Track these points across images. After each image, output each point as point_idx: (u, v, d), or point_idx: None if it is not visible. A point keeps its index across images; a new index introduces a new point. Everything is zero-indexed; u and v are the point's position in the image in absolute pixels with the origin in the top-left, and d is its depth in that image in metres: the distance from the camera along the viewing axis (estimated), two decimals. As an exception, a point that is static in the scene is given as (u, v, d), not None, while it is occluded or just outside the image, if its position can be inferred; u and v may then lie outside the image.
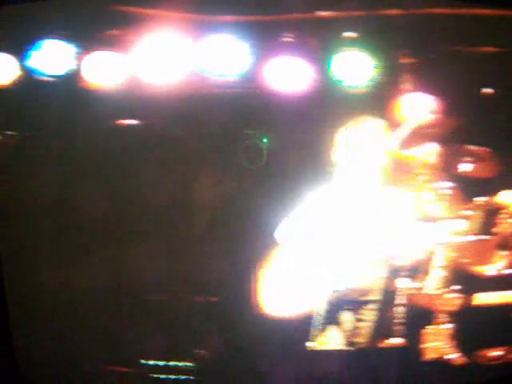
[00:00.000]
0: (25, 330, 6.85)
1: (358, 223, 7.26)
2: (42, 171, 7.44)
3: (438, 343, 7.68)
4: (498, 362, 7.74)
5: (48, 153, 7.46)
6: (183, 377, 7.14)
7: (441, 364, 7.70)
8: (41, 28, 7.27)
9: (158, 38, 7.21)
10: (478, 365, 7.66)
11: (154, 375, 7.18)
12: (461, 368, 7.65)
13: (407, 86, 7.55)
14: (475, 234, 7.69)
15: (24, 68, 7.30)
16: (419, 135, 7.60)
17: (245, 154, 7.33)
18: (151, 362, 7.19)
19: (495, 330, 7.63)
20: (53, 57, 7.34)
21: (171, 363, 7.17)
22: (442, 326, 7.69)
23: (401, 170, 7.55)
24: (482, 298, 7.70)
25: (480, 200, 7.66)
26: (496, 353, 7.70)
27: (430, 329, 7.65)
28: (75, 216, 7.45)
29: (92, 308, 7.24)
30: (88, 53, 7.37)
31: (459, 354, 7.68)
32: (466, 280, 7.73)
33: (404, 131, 7.49)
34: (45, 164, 7.45)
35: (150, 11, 7.24)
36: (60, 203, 7.47)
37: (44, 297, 7.23)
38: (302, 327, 7.23)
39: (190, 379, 7.18)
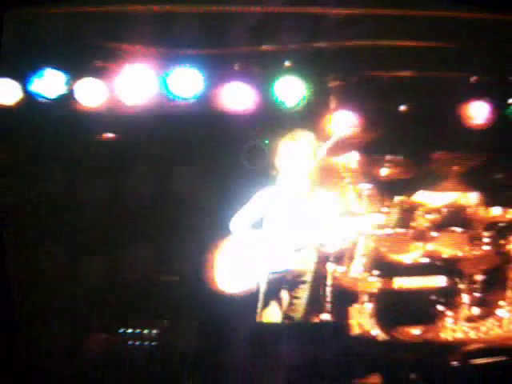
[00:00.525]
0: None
1: (296, 217, 7.47)
2: (42, 173, 8.25)
3: (362, 320, 8.22)
4: (414, 338, 8.20)
5: (45, 159, 8.26)
6: (150, 342, 7.65)
7: (364, 338, 8.18)
8: (40, 59, 8.06)
9: (135, 68, 8.03)
10: (396, 340, 8.15)
11: (130, 342, 7.67)
12: (381, 342, 8.07)
13: (335, 104, 8.30)
14: (393, 228, 8.31)
15: (26, 91, 8.06)
16: (345, 145, 8.27)
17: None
18: (129, 330, 7.70)
19: (411, 310, 8.26)
20: (50, 83, 8.08)
21: (145, 331, 7.68)
22: (364, 305, 8.26)
23: (329, 174, 8.15)
24: (399, 282, 8.35)
25: (397, 199, 8.33)
26: (412, 330, 8.30)
27: (354, 307, 8.23)
28: (72, 215, 8.25)
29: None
30: (78, 80, 8.16)
31: (380, 330, 8.19)
32: (385, 266, 8.37)
33: (332, 142, 7.95)
34: (44, 167, 8.25)
35: (128, 47, 8.06)
36: (57, 203, 8.31)
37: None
38: (249, 302, 7.38)
39: (155, 344, 7.66)
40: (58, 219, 8.21)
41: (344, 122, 8.37)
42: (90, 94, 8.17)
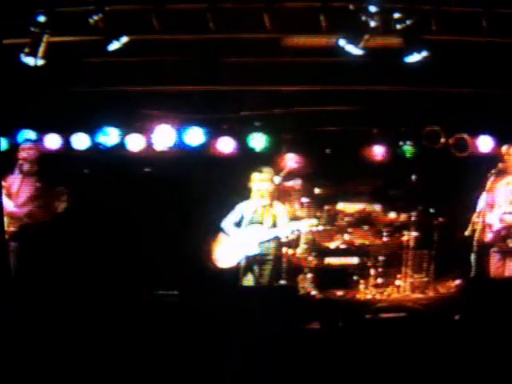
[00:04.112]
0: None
1: (262, 219, 9.11)
2: (105, 193, 10.44)
3: (305, 284, 10.15)
4: (339, 297, 9.85)
5: (105, 185, 10.51)
6: (172, 299, 8.17)
7: (307, 297, 9.84)
8: (102, 120, 10.54)
9: (162, 127, 10.55)
10: (328, 298, 9.78)
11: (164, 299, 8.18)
12: (318, 300, 9.81)
13: (286, 149, 10.65)
14: (323, 226, 10.39)
15: (93, 141, 10.54)
16: (292, 174, 10.39)
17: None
18: (159, 292, 8.64)
19: (337, 278, 10.15)
20: (108, 136, 10.54)
21: (168, 292, 8.48)
22: (307, 275, 10.20)
23: (283, 192, 10.07)
24: (328, 260, 10.39)
25: (326, 208, 10.48)
26: (338, 292, 10.05)
27: (300, 276, 10.17)
28: (127, 219, 10.39)
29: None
30: (127, 134, 10.61)
31: (317, 292, 10.05)
32: (319, 250, 10.38)
33: (284, 172, 10.16)
34: (105, 190, 10.44)
35: (158, 113, 10.62)
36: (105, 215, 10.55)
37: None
38: (234, 273, 9.12)
39: (175, 301, 8.13)
40: (117, 222, 10.40)
41: (291, 160, 10.51)
42: (135, 143, 10.57)
